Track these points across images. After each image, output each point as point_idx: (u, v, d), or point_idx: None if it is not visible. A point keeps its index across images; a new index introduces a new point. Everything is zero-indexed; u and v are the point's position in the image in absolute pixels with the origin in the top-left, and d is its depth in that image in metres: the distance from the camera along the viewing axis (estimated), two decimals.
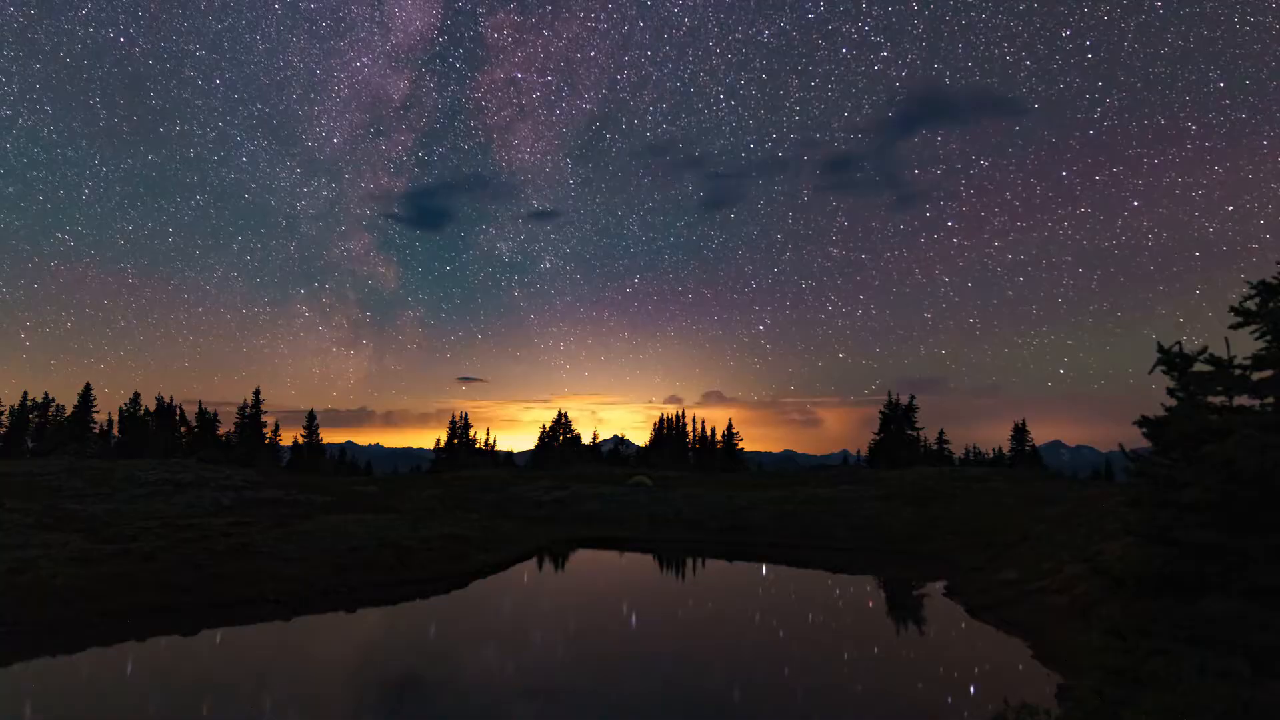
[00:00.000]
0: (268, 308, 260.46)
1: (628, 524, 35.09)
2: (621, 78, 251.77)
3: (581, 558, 28.85)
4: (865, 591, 23.66)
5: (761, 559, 28.33)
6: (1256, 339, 6.53)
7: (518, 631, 16.84)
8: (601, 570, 27.12)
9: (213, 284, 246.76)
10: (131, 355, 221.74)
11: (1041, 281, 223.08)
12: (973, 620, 17.84)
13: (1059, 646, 14.21)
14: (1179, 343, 6.98)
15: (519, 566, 25.45)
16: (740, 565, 27.40)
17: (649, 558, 29.23)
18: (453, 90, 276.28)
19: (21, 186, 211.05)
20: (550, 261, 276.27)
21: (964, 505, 33.56)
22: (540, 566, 26.12)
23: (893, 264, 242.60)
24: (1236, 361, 6.57)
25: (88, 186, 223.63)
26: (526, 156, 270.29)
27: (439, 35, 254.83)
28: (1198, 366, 6.78)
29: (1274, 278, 6.55)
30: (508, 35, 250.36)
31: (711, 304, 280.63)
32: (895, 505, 34.49)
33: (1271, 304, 6.44)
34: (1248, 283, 6.70)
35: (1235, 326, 6.67)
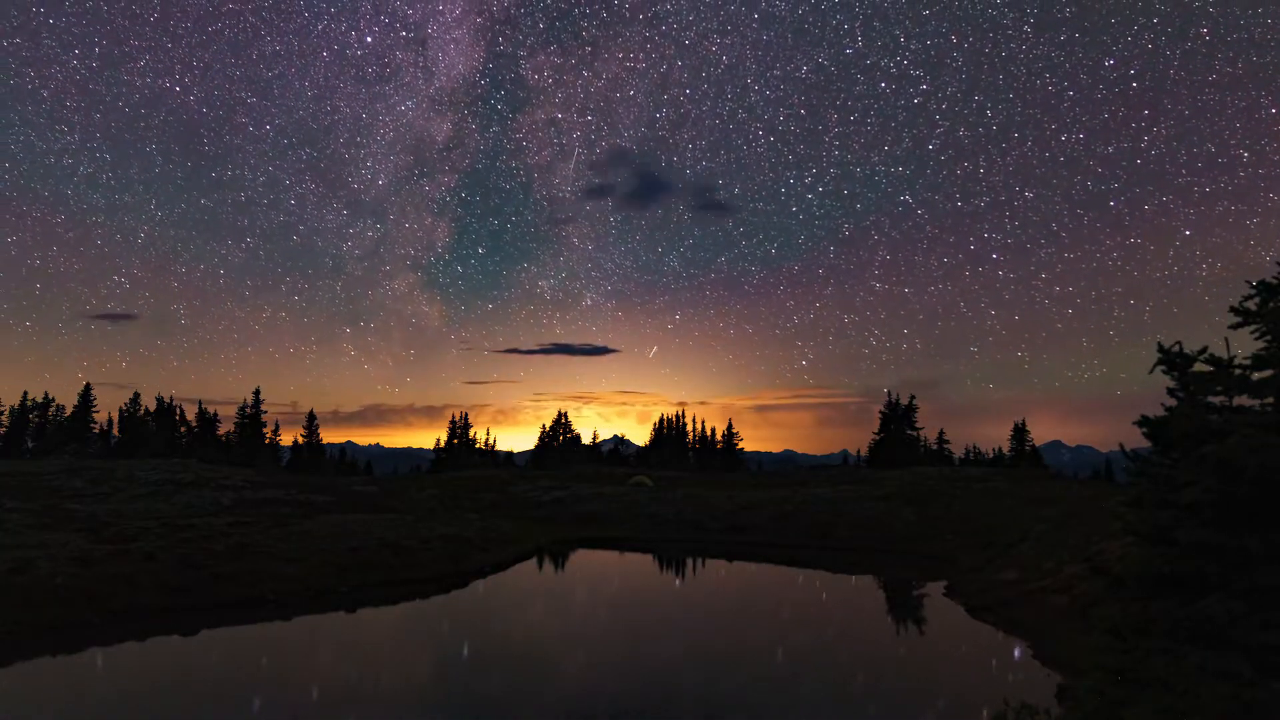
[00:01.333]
0: (314, 346, 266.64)
1: (628, 524, 35.10)
2: (660, 116, 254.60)
3: (581, 558, 28.86)
4: (866, 592, 23.66)
5: (762, 559, 28.33)
6: (1256, 339, 6.52)
7: (518, 631, 16.85)
8: (602, 570, 27.12)
9: (261, 324, 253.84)
10: (183, 394, 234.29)
11: (1091, 313, 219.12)
12: (973, 620, 17.84)
13: (1059, 646, 14.21)
14: (1179, 343, 6.98)
15: (519, 566, 25.46)
16: (740, 566, 27.40)
17: (649, 558, 29.24)
18: (494, 132, 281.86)
19: (81, 231, 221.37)
20: (592, 299, 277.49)
21: (964, 505, 33.56)
22: (540, 566, 26.12)
23: (937, 298, 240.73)
24: (1236, 361, 6.57)
25: (143, 231, 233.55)
26: (568, 195, 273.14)
27: (481, 78, 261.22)
28: (1198, 366, 6.78)
29: (1274, 278, 6.55)
30: (548, 76, 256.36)
31: (753, 339, 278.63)
32: (895, 505, 34.49)
33: (1271, 304, 6.44)
34: (1247, 283, 6.70)
35: (1235, 326, 6.67)
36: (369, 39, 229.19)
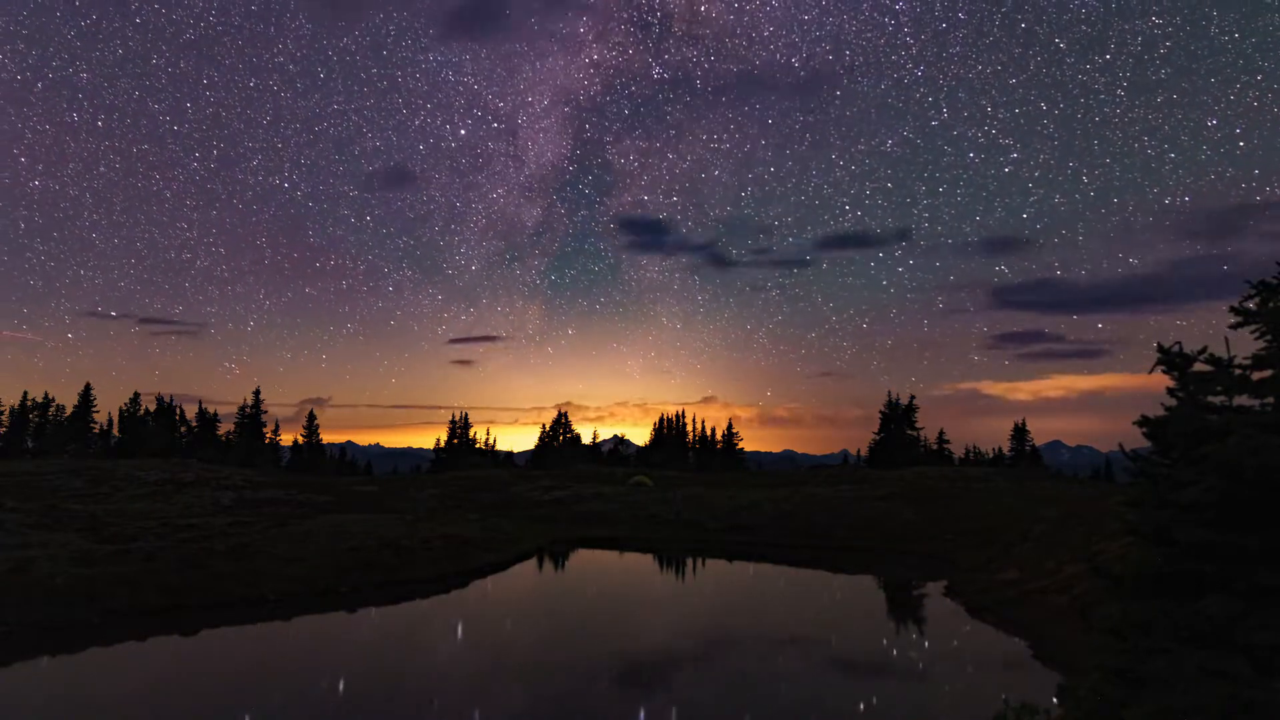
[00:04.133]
0: (414, 429, 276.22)
1: (628, 524, 35.10)
2: (746, 194, 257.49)
3: (582, 557, 28.85)
4: (865, 591, 23.66)
5: (762, 559, 28.33)
6: (1256, 339, 6.52)
7: (518, 631, 16.84)
8: (602, 570, 27.11)
9: (362, 406, 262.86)
10: None
11: None
12: (973, 620, 17.84)
13: (1059, 646, 14.22)
14: (1179, 343, 6.98)
15: (519, 566, 25.45)
16: (740, 565, 27.40)
17: (649, 558, 29.23)
18: (583, 215, 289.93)
19: (198, 321, 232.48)
20: (680, 376, 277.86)
21: (964, 505, 33.57)
22: (540, 566, 26.11)
23: (1040, 371, 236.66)
24: (1236, 361, 6.56)
25: (253, 319, 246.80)
26: (656, 275, 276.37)
27: (569, 164, 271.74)
28: (1198, 366, 6.78)
29: (1274, 277, 6.55)
30: (634, 161, 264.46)
31: (847, 422, 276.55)
32: (895, 505, 34.50)
33: (1272, 304, 6.43)
34: (1247, 283, 6.70)
35: (1235, 326, 6.66)
36: (462, 131, 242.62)
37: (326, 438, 72.34)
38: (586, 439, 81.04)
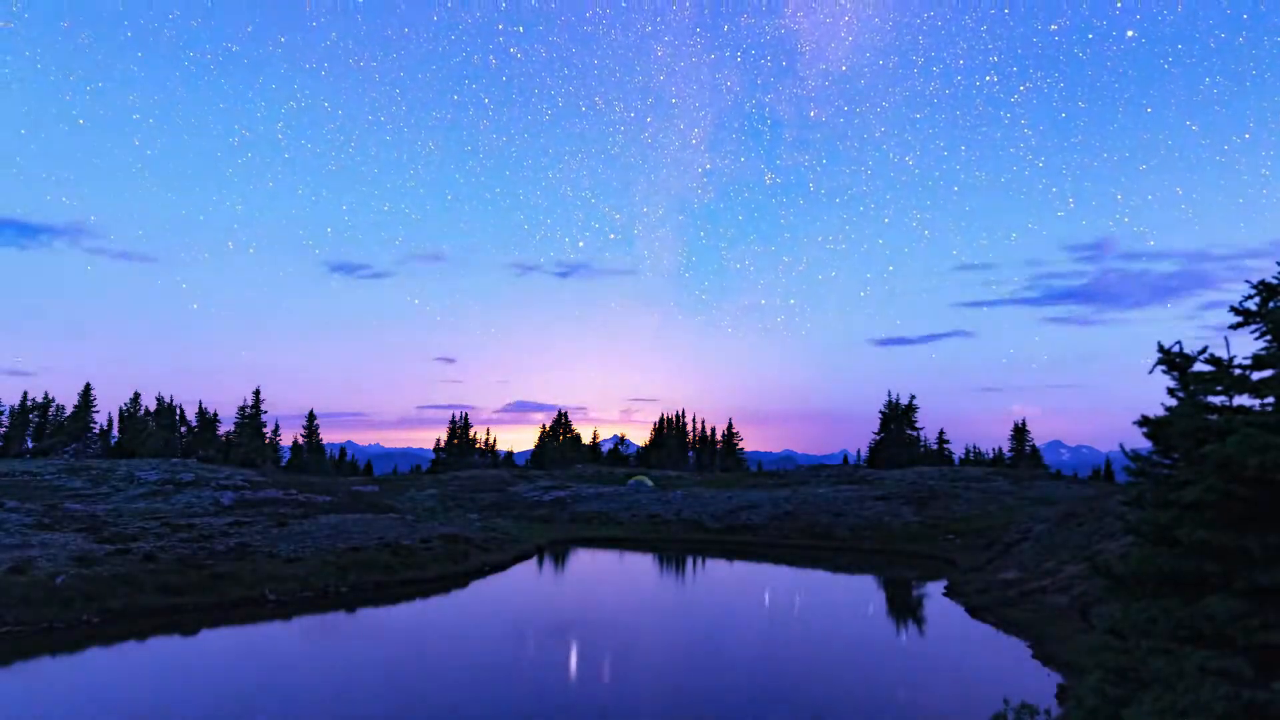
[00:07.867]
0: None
1: (628, 524, 35.10)
2: (865, 294, 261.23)
3: (581, 558, 28.85)
4: (866, 591, 23.66)
5: (761, 559, 28.33)
6: (1256, 339, 6.52)
7: (517, 632, 16.83)
8: (601, 571, 27.11)
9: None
10: None
11: None
12: (973, 620, 17.83)
13: (1059, 646, 14.21)
14: (1179, 342, 6.98)
15: (519, 566, 25.44)
16: (740, 566, 27.39)
17: (649, 558, 29.22)
18: (700, 320, 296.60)
19: (326, 429, 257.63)
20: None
21: (964, 505, 33.57)
22: (540, 566, 26.11)
23: None
24: (1236, 361, 6.56)
25: (377, 431, 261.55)
26: (777, 375, 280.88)
27: (685, 271, 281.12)
28: (1198, 366, 6.77)
29: (1274, 277, 6.55)
30: (749, 264, 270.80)
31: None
32: (895, 505, 34.49)
33: (1272, 304, 6.43)
34: (1247, 282, 6.70)
35: (1235, 326, 6.66)
36: (581, 243, 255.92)
37: (327, 438, 72.33)
38: (587, 439, 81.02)
